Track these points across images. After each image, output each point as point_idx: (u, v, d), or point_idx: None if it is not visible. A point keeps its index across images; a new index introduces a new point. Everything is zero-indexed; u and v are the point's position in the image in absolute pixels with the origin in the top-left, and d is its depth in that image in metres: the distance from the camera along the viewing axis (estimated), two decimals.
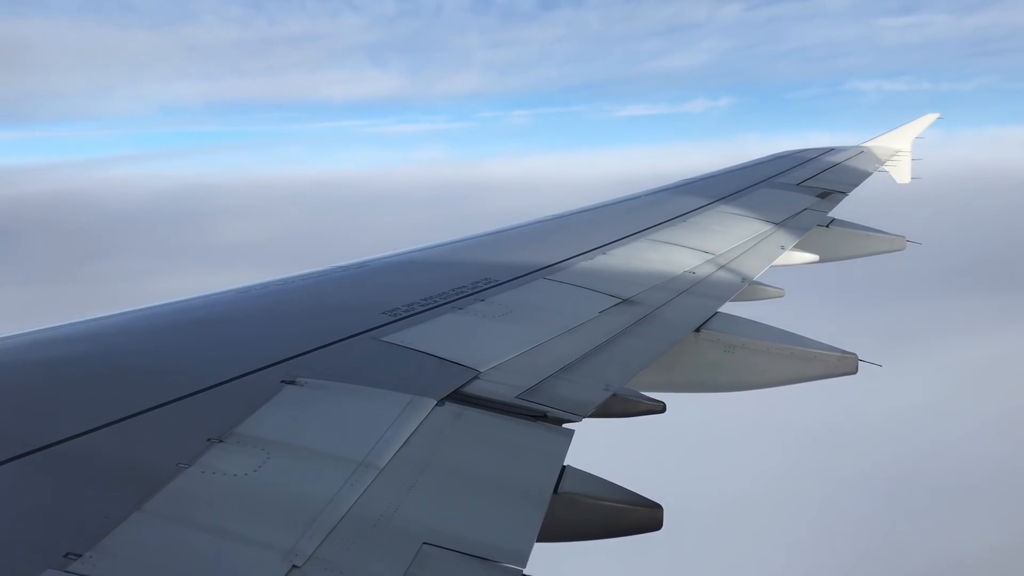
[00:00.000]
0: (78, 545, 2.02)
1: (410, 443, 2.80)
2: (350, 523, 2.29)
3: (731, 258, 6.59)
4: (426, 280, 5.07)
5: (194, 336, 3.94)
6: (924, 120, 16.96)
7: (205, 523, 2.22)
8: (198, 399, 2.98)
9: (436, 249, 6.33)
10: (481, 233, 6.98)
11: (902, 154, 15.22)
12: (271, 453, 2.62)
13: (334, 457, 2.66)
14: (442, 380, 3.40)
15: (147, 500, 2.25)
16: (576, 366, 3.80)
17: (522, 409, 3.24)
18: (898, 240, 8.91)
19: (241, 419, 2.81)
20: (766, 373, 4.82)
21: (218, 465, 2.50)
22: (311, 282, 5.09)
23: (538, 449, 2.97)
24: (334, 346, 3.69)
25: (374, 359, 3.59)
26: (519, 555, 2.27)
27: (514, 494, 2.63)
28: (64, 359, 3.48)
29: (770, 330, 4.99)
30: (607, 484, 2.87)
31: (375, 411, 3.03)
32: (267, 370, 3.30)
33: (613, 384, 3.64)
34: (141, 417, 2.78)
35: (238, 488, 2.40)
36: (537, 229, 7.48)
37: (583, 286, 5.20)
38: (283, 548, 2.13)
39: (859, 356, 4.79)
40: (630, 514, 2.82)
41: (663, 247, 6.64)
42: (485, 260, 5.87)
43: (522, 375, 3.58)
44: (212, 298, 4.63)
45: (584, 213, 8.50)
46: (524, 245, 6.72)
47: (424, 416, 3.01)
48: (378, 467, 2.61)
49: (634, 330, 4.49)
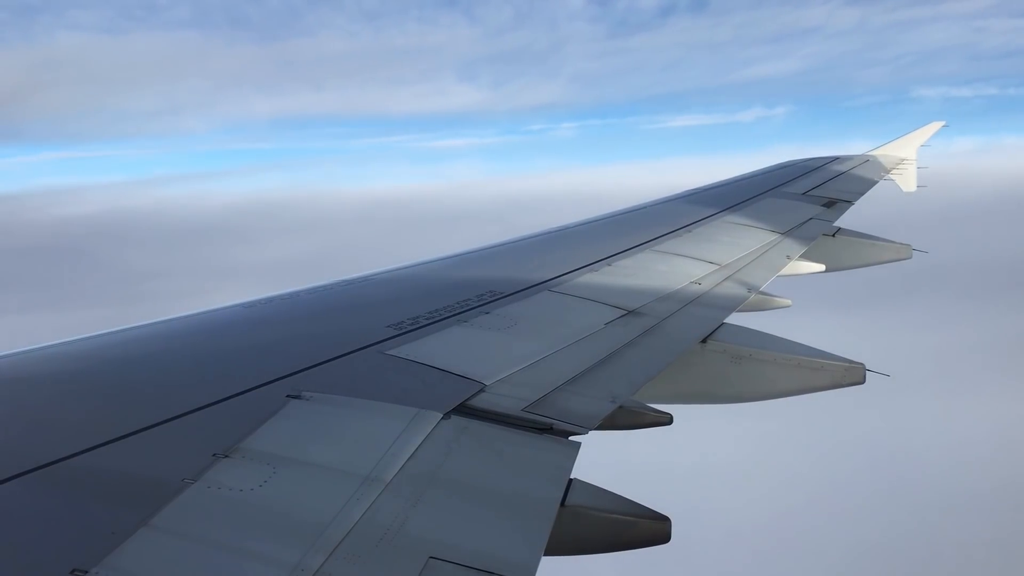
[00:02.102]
0: (84, 561, 2.02)
1: (416, 457, 2.80)
2: (356, 537, 2.28)
3: (737, 268, 6.58)
4: (431, 293, 5.07)
5: (199, 351, 3.95)
6: (930, 128, 16.93)
7: (211, 538, 2.21)
8: (203, 414, 2.98)
9: (441, 262, 6.34)
10: (486, 246, 6.99)
11: (908, 162, 15.20)
12: (277, 468, 2.62)
13: (340, 471, 2.65)
14: (448, 393, 3.39)
15: (153, 515, 2.25)
16: (582, 378, 3.79)
17: (528, 422, 3.23)
18: (904, 249, 8.89)
19: (246, 434, 2.81)
20: (773, 384, 4.80)
21: (224, 480, 2.50)
22: (316, 296, 5.09)
23: (544, 462, 2.96)
24: (339, 360, 3.69)
25: (379, 373, 3.59)
26: (526, 568, 2.26)
27: (521, 507, 2.62)
28: (69, 374, 3.48)
29: (777, 340, 4.97)
30: (614, 497, 2.86)
31: (381, 425, 3.02)
32: (272, 384, 3.30)
33: (619, 396, 3.63)
34: (147, 432, 2.78)
35: (244, 503, 2.39)
36: (542, 241, 7.48)
37: (588, 298, 5.19)
38: (289, 563, 2.12)
39: (866, 366, 4.77)
40: (637, 527, 2.81)
41: (668, 258, 6.63)
42: (490, 273, 5.87)
43: (528, 388, 3.57)
44: (217, 313, 4.64)
45: (589, 225, 8.50)
46: (529, 258, 6.72)
47: (430, 430, 3.01)
48: (384, 481, 2.61)
49: (640, 341, 4.48)
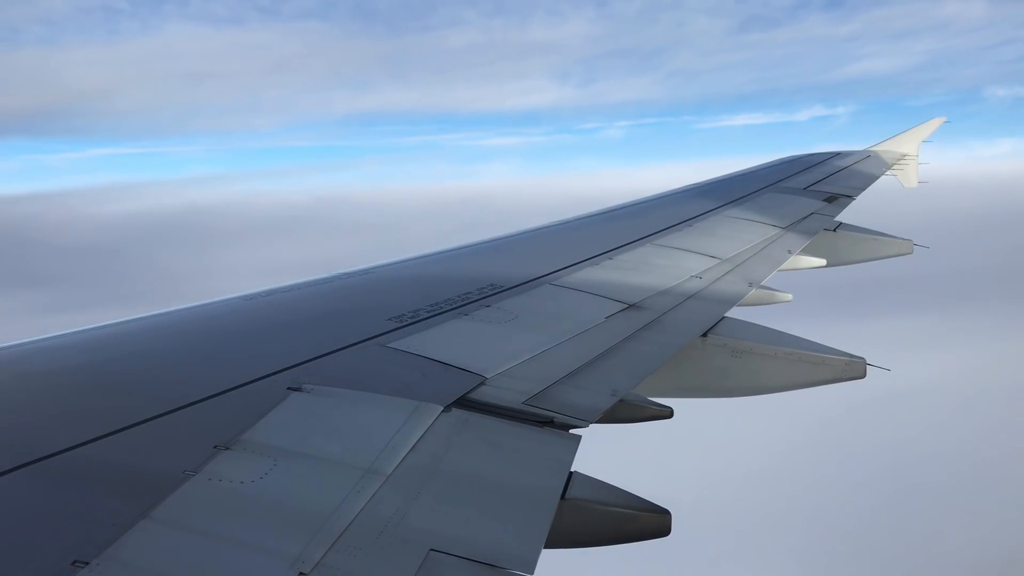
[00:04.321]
0: (85, 553, 2.02)
1: (417, 449, 2.80)
2: (357, 530, 2.28)
3: (738, 263, 6.57)
4: (432, 286, 5.07)
5: (200, 343, 3.95)
6: (931, 124, 16.91)
7: (212, 530, 2.21)
8: (204, 406, 2.98)
9: (442, 255, 6.33)
10: (487, 239, 6.98)
11: (909, 158, 15.18)
12: (277, 460, 2.62)
13: (341, 464, 2.65)
14: (448, 386, 3.39)
15: (154, 508, 2.25)
16: (583, 372, 3.79)
17: (529, 415, 3.23)
18: (905, 244, 8.88)
19: (247, 426, 2.81)
20: (774, 378, 4.79)
21: (224, 472, 2.50)
22: (317, 289, 5.09)
23: (545, 455, 2.96)
24: (340, 352, 3.69)
25: (380, 365, 3.59)
26: (527, 561, 2.27)
27: (521, 500, 2.62)
28: (70, 366, 3.48)
29: (778, 335, 4.97)
30: (615, 490, 2.86)
31: (381, 417, 3.02)
32: (273, 377, 3.30)
33: (620, 389, 3.63)
34: (147, 424, 2.78)
35: (245, 495, 2.40)
36: (543, 235, 7.48)
37: (589, 292, 5.19)
38: (290, 555, 2.12)
39: (867, 360, 4.77)
40: (638, 520, 2.81)
41: (670, 252, 6.62)
42: (491, 266, 5.87)
43: (529, 381, 3.57)
44: (218, 305, 4.63)
45: (590, 219, 8.50)
46: (530, 251, 6.71)
47: (431, 422, 3.01)
48: (385, 473, 2.61)
49: (641, 335, 4.48)
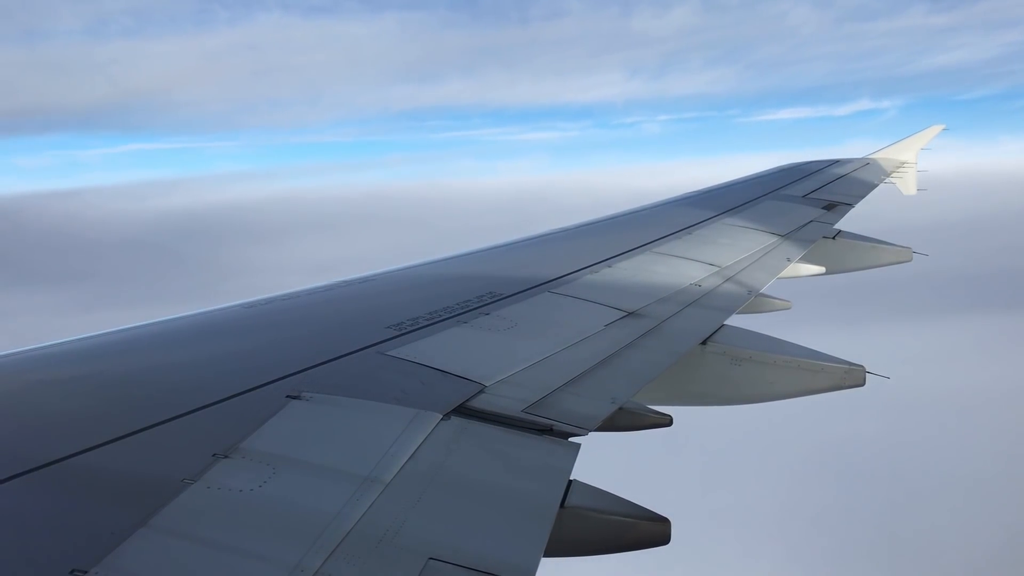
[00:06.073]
0: (84, 561, 2.02)
1: (416, 457, 2.79)
2: (356, 538, 2.28)
3: (737, 270, 6.58)
4: (431, 294, 5.07)
5: (199, 351, 3.95)
6: (930, 131, 16.93)
7: (211, 538, 2.21)
8: (203, 414, 2.98)
9: (441, 263, 6.34)
10: (486, 247, 6.99)
11: (908, 165, 15.20)
12: (276, 468, 2.61)
13: (339, 472, 2.65)
14: (447, 394, 3.39)
15: (153, 516, 2.25)
16: (582, 379, 3.79)
17: (528, 423, 3.23)
18: (904, 251, 8.89)
19: (246, 434, 2.81)
20: (773, 385, 4.80)
21: (223, 480, 2.50)
22: (316, 296, 5.09)
23: (544, 463, 2.95)
24: (339, 360, 3.69)
25: (379, 373, 3.59)
26: (525, 570, 2.26)
27: (520, 508, 2.62)
28: (70, 374, 3.48)
29: (777, 342, 4.97)
30: (614, 498, 2.86)
31: (380, 425, 3.02)
32: (272, 385, 3.30)
33: (619, 397, 3.62)
34: (146, 432, 2.78)
35: (243, 503, 2.39)
36: (542, 242, 7.49)
37: (588, 299, 5.19)
38: (289, 563, 2.12)
39: (867, 368, 4.77)
40: (637, 528, 2.81)
41: (669, 260, 6.63)
42: (490, 274, 5.87)
43: (528, 389, 3.57)
44: (217, 313, 4.64)
45: (589, 226, 8.51)
46: (529, 259, 6.72)
47: (429, 430, 3.01)
48: (384, 482, 2.60)
49: (640, 343, 4.48)
